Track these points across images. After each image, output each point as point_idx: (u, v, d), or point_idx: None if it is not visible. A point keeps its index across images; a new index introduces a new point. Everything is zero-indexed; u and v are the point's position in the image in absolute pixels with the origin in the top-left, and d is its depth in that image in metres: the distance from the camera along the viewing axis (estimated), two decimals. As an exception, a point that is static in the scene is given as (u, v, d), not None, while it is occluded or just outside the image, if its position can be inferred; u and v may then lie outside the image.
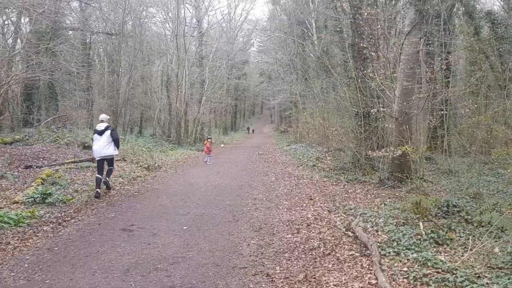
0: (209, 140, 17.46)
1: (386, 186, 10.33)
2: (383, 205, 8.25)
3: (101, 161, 9.41)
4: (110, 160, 9.76)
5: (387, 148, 10.30)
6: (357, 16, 12.21)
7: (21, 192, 8.65)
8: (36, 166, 11.20)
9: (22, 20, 20.37)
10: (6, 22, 20.84)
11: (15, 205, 7.81)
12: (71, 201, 8.55)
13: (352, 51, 14.25)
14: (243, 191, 10.22)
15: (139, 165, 13.72)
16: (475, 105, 11.15)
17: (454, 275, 4.32)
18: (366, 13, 10.93)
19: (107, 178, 9.71)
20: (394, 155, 9.77)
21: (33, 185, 9.00)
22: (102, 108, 30.73)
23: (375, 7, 11.97)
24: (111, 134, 9.56)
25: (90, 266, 4.98)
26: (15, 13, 18.47)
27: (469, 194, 8.90)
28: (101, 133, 9.52)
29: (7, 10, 16.74)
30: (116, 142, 9.62)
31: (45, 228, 6.58)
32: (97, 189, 8.99)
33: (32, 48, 16.77)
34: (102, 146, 9.39)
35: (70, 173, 11.01)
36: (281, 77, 35.08)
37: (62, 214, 7.52)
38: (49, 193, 8.37)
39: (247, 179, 12.13)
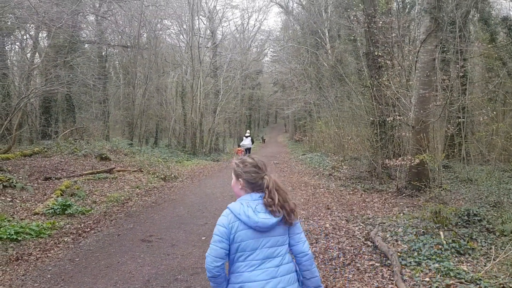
0: (239, 147, 26.48)
1: (403, 195, 10.23)
2: (401, 214, 8.18)
3: (246, 149, 24.06)
4: (249, 149, 24.63)
5: (404, 157, 10.23)
6: (371, 24, 12.20)
7: (41, 203, 8.77)
8: (55, 178, 11.35)
9: (40, 35, 20.81)
10: (25, 37, 21.31)
11: (35, 216, 7.93)
12: (90, 212, 8.65)
13: (366, 60, 14.22)
14: (260, 201, 10.20)
15: (155, 175, 13.80)
16: (494, 112, 10.99)
17: (478, 286, 4.25)
18: (381, 22, 10.90)
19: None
20: (412, 164, 9.69)
21: (52, 197, 9.12)
22: (117, 120, 31.16)
23: (389, 15, 11.95)
24: (251, 139, 25.28)
25: (111, 277, 5.02)
26: (33, 28, 18.86)
27: (489, 202, 8.76)
28: (246, 137, 25.24)
29: (26, 25, 17.10)
30: (252, 141, 25.47)
31: (65, 239, 6.67)
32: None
33: (50, 61, 17.09)
34: (247, 142, 24.78)
35: (89, 185, 11.13)
36: (295, 87, 35.07)
37: (82, 225, 7.60)
38: (69, 204, 8.48)
39: (263, 189, 12.10)
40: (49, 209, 8.17)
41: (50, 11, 12.40)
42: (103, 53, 27.44)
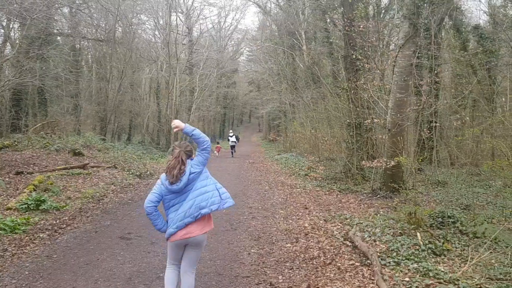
0: (218, 144, 29.03)
1: (378, 196, 10.42)
2: (377, 215, 8.33)
3: (232, 146, 27.44)
4: (235, 146, 27.60)
5: (380, 159, 10.42)
6: (351, 28, 12.37)
7: (14, 198, 8.53)
8: (27, 172, 11.06)
9: (11, 26, 20.14)
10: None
11: (8, 211, 7.70)
12: (65, 208, 8.47)
13: (344, 63, 14.42)
14: (238, 199, 10.19)
15: (130, 172, 13.61)
16: (467, 118, 11.34)
17: (456, 286, 4.39)
18: (362, 26, 11.07)
19: (234, 153, 26.90)
20: (387, 166, 9.89)
21: (25, 192, 8.88)
22: (89, 115, 30.55)
23: (370, 20, 12.14)
24: (236, 137, 28.72)
25: (92, 274, 4.94)
26: (5, 18, 18.26)
27: (459, 205, 9.04)
28: (231, 136, 27.84)
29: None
30: (237, 139, 30.24)
31: (41, 235, 6.51)
32: (232, 156, 26.00)
33: (22, 53, 16.59)
34: (232, 141, 27.47)
35: (62, 180, 10.88)
36: (270, 86, 35.21)
37: (57, 221, 7.44)
38: (43, 199, 8.27)
39: (241, 188, 12.13)
40: (22, 204, 7.95)
41: (26, 1, 12.06)
42: (77, 46, 26.85)
